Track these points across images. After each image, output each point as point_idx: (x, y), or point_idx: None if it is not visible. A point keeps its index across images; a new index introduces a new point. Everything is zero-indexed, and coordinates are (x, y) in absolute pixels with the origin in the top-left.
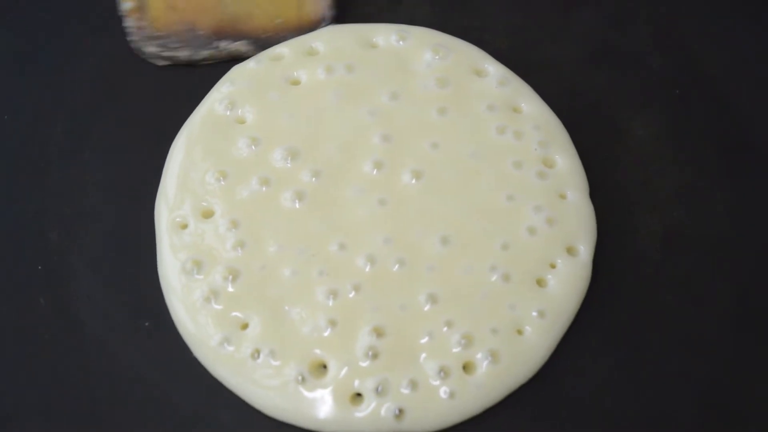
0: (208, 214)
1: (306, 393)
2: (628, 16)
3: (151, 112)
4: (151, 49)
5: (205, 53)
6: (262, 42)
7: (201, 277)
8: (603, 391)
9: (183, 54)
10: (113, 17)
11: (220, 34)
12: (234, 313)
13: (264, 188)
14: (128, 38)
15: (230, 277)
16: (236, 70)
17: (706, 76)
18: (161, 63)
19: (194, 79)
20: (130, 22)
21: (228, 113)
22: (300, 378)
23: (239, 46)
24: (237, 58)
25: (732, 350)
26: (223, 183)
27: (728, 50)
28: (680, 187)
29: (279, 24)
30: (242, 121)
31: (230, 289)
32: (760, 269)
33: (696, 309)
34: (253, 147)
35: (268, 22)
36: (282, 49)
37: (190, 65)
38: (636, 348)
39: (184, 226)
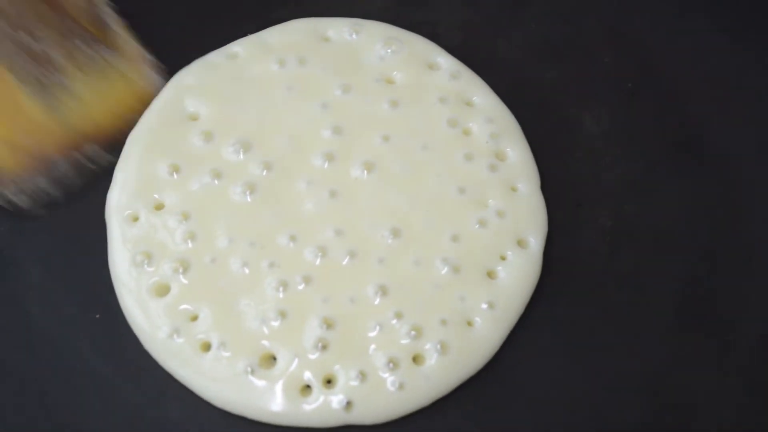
0: (159, 207)
1: (255, 385)
2: (579, 11)
3: None
4: (18, 197)
5: (62, 169)
6: (114, 137)
7: (151, 269)
8: (552, 383)
9: (42, 183)
10: None
11: (70, 148)
12: (183, 306)
13: (215, 181)
14: None
15: (180, 269)
16: (192, 67)
17: (657, 71)
18: (26, 204)
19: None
20: None
21: (182, 108)
22: (249, 370)
23: (94, 150)
24: (96, 162)
25: (678, 343)
26: (175, 176)
27: (679, 45)
28: (630, 182)
29: (120, 110)
30: (195, 117)
31: (180, 282)
32: (707, 264)
33: (644, 302)
34: (205, 140)
35: (111, 115)
36: (236, 47)
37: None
38: (584, 340)
39: (135, 219)
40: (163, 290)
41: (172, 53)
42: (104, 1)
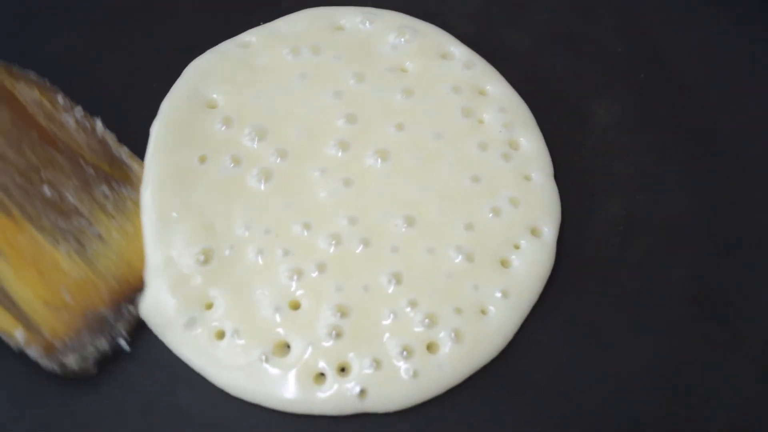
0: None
1: (269, 373)
2: (592, 1)
3: (119, 94)
4: (70, 360)
5: (120, 325)
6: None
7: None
8: (565, 372)
9: (101, 343)
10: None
11: (117, 301)
12: (200, 294)
13: (232, 169)
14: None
15: (202, 258)
16: (206, 56)
17: (669, 61)
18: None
19: (159, 66)
20: (33, 352)
21: (199, 96)
22: (264, 358)
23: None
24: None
25: (690, 333)
26: (199, 167)
27: (692, 36)
28: (642, 172)
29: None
30: (213, 105)
31: (200, 270)
32: (719, 253)
33: (656, 291)
34: (225, 127)
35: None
36: (248, 37)
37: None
38: (598, 329)
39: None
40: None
41: (185, 44)
42: (113, 137)
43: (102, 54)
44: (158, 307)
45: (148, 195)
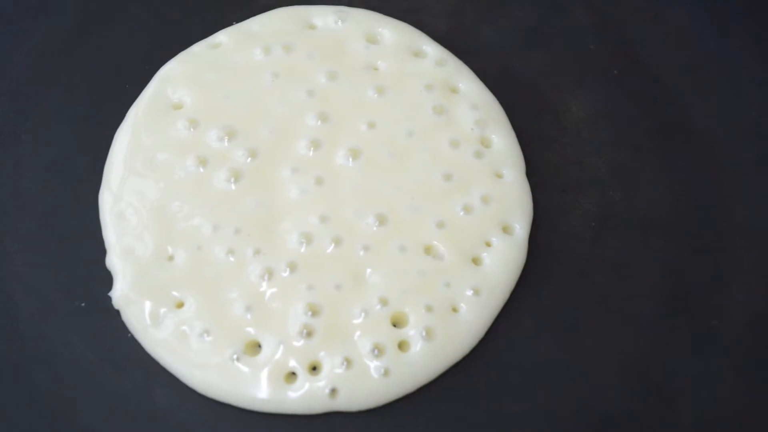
0: (147, 198)
1: (240, 372)
2: None
3: (92, 96)
4: None
5: None
6: None
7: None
8: (537, 369)
9: None
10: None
11: None
12: (171, 293)
13: (200, 169)
14: None
15: (172, 257)
16: (177, 57)
17: (642, 58)
18: None
19: (135, 63)
20: None
21: (167, 98)
22: (235, 357)
23: None
24: None
25: (664, 328)
26: (163, 166)
27: (664, 31)
28: (615, 167)
29: None
30: (180, 106)
31: (168, 269)
32: (693, 249)
33: (628, 288)
34: (190, 129)
35: None
36: (220, 37)
37: None
38: (569, 326)
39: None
40: (150, 279)
41: (158, 45)
42: None
43: (74, 56)
44: (129, 306)
45: (109, 195)
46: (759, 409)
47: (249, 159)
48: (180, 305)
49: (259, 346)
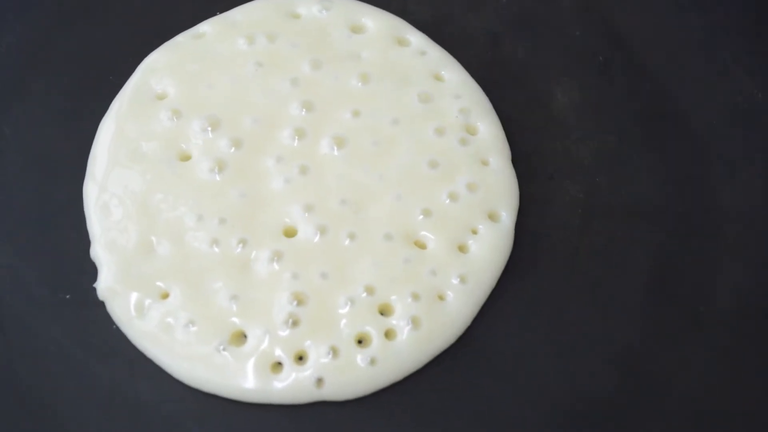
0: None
1: (226, 363)
2: None
3: (75, 88)
4: None
5: None
6: None
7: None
8: (524, 357)
9: None
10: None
11: None
12: (156, 283)
13: (185, 159)
14: None
15: (157, 248)
16: (161, 48)
17: (627, 45)
18: None
19: (119, 54)
20: None
21: (150, 88)
22: (221, 347)
23: None
24: None
25: (651, 315)
26: (147, 156)
27: (649, 18)
28: (601, 154)
29: None
30: (163, 96)
31: (153, 260)
32: (679, 236)
33: (616, 274)
34: (175, 119)
35: None
36: (204, 27)
37: None
38: (557, 313)
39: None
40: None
41: (142, 36)
42: None
43: (57, 47)
44: (114, 297)
45: (93, 187)
46: (746, 395)
47: (233, 149)
48: (165, 296)
49: (245, 336)
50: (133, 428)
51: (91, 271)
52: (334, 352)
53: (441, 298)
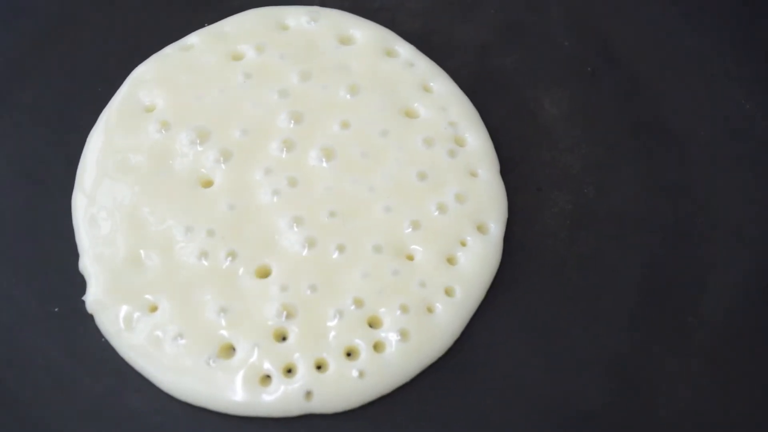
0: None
1: (215, 375)
2: None
3: (64, 99)
4: None
5: None
6: None
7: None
8: (514, 368)
9: None
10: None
11: None
12: (145, 296)
13: (173, 171)
14: None
15: (145, 261)
16: (149, 60)
17: (616, 55)
18: None
19: (107, 65)
20: None
21: (139, 101)
22: (209, 360)
23: None
24: None
25: (640, 325)
26: (136, 168)
27: (638, 29)
28: (590, 165)
29: None
30: (151, 108)
31: (141, 273)
32: (668, 245)
33: (605, 284)
34: (164, 131)
35: None
36: (193, 38)
37: None
38: (546, 324)
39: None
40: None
41: (130, 48)
42: None
43: (46, 58)
44: (103, 310)
45: (82, 198)
46: (735, 404)
47: (222, 160)
48: (154, 309)
49: (234, 349)
50: None
51: (79, 284)
52: (323, 364)
53: (430, 310)
